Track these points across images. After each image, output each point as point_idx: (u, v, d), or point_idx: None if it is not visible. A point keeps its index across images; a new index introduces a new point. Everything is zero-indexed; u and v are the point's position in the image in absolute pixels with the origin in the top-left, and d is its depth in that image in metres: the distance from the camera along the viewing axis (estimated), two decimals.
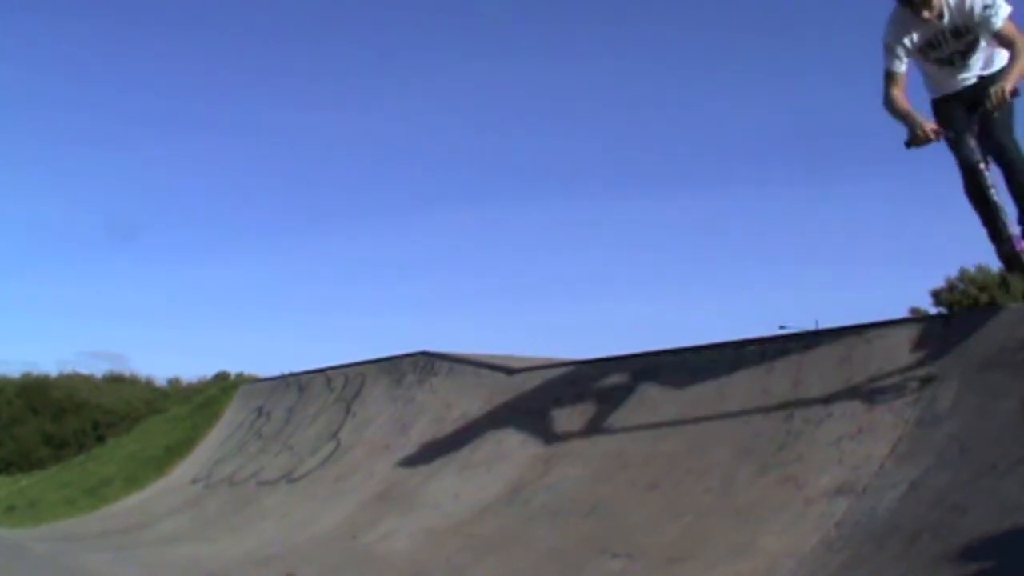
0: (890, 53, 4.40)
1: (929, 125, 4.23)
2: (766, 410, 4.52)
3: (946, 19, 4.26)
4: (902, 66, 4.40)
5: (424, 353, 8.31)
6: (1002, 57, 4.37)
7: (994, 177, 4.23)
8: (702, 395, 5.06)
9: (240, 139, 73.96)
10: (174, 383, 33.70)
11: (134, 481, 11.36)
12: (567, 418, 5.89)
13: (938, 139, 4.24)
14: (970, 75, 4.42)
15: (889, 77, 4.40)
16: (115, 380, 33.23)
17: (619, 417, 5.49)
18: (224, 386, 15.36)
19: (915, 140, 4.22)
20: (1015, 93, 4.07)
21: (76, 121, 66.42)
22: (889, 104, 4.39)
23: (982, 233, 4.24)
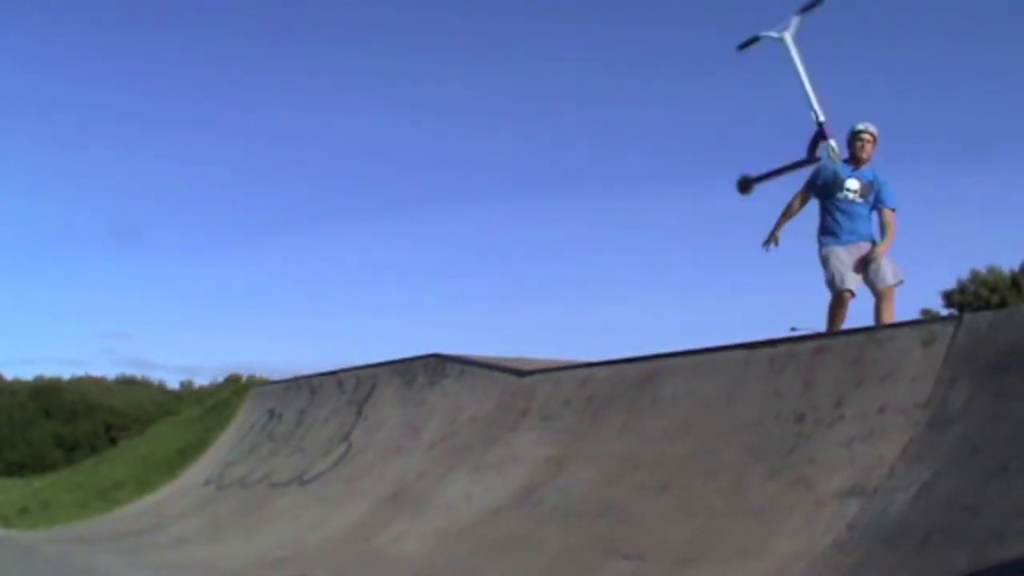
0: None
1: None
2: (777, 412, 4.52)
3: None
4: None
5: (435, 355, 8.32)
6: None
7: None
8: (713, 397, 5.06)
9: (240, 139, 74.26)
10: (186, 386, 33.92)
11: (146, 483, 11.42)
12: (578, 420, 5.90)
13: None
14: None
15: None
16: (127, 383, 33.48)
17: (630, 419, 5.50)
18: (236, 388, 15.43)
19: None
20: None
21: (77, 121, 66.76)
22: None
23: (992, 234, 4.27)
